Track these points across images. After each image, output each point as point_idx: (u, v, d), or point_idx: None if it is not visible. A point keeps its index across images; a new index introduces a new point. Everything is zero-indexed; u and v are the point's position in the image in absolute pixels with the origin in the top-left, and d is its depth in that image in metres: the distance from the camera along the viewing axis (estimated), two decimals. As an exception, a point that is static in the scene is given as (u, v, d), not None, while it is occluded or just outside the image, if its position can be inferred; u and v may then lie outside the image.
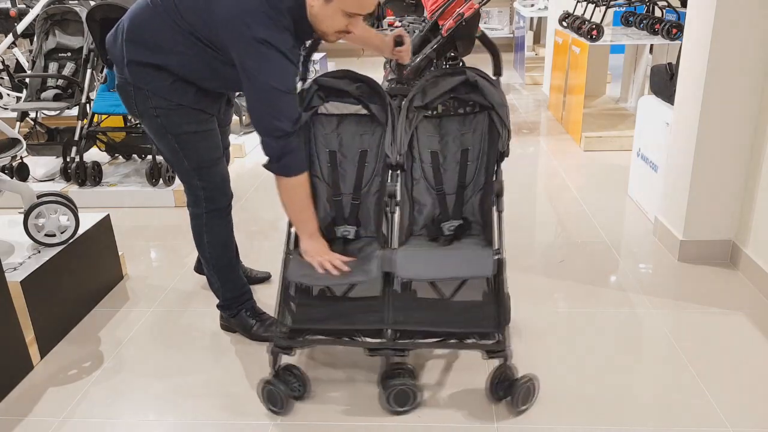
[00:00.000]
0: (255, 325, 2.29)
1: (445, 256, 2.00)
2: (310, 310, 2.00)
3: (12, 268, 2.26)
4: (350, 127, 2.12)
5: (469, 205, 2.14)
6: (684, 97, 2.74)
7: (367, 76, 2.11)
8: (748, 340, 2.21)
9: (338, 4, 1.80)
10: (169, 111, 1.96)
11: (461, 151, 2.12)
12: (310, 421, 1.89)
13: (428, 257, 1.99)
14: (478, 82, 2.05)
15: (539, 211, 3.40)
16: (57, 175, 3.93)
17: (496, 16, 9.13)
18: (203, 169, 2.08)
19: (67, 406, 2.00)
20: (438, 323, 1.92)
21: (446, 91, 2.07)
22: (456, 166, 2.13)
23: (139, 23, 1.89)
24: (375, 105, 2.08)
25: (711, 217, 2.74)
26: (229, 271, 2.26)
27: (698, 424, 1.83)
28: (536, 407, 1.91)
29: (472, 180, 2.13)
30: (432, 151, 2.12)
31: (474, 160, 2.12)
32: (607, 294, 2.54)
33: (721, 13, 2.44)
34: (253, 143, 4.85)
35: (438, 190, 2.13)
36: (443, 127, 2.12)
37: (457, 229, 2.11)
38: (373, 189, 2.13)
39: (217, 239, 2.20)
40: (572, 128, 4.73)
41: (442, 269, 1.95)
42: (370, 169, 2.13)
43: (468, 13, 4.45)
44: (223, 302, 2.30)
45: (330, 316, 1.95)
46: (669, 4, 4.57)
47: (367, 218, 2.14)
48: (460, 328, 1.90)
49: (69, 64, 3.98)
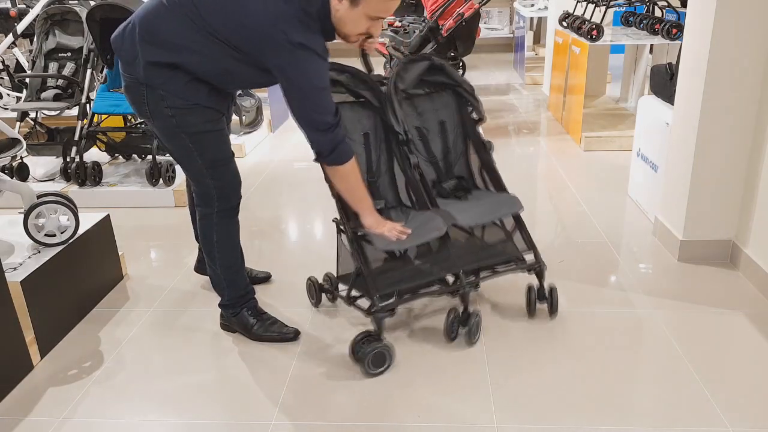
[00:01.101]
0: (255, 325, 2.30)
1: (480, 205, 2.37)
2: (393, 274, 2.24)
3: (12, 268, 2.26)
4: (347, 113, 2.30)
5: (458, 166, 2.51)
6: (684, 97, 2.74)
7: (351, 67, 2.26)
8: (748, 340, 2.22)
9: (364, 8, 1.87)
10: (185, 110, 1.98)
11: (439, 123, 2.48)
12: (311, 421, 1.89)
13: (470, 207, 2.34)
14: (442, 65, 2.43)
15: (539, 211, 3.40)
16: (57, 175, 3.93)
17: (496, 16, 9.13)
18: (218, 168, 2.10)
19: (67, 406, 2.00)
20: (491, 257, 2.35)
21: (419, 74, 2.41)
22: (438, 137, 2.49)
23: (155, 24, 1.90)
24: (366, 92, 2.30)
25: (711, 217, 2.74)
26: (235, 271, 2.27)
27: (698, 424, 1.83)
28: (536, 407, 1.91)
29: (453, 146, 2.50)
30: (416, 127, 2.45)
31: (452, 130, 2.50)
32: (607, 294, 2.55)
33: (721, 13, 2.45)
34: (253, 143, 4.86)
35: (430, 157, 2.47)
36: (419, 105, 2.46)
37: (455, 185, 2.47)
38: (384, 166, 2.38)
39: (226, 239, 2.21)
40: (572, 128, 4.73)
41: (489, 214, 2.32)
42: (375, 149, 2.37)
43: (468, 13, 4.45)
44: (227, 301, 2.31)
45: (413, 276, 2.25)
46: (669, 4, 4.57)
47: (386, 192, 2.39)
48: (503, 258, 2.36)
49: (69, 64, 3.98)
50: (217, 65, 1.93)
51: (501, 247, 2.41)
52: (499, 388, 2.00)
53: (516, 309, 2.45)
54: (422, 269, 2.29)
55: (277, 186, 3.98)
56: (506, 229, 2.43)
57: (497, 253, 2.38)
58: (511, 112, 5.60)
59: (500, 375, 2.06)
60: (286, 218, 3.46)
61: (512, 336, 2.28)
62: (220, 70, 1.95)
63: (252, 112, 5.11)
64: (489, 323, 2.36)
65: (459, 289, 2.21)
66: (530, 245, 2.38)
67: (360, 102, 2.32)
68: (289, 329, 2.31)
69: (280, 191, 3.88)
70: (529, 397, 1.96)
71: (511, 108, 5.77)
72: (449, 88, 2.49)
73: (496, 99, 6.15)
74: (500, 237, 2.43)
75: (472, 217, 2.28)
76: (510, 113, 5.57)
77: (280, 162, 4.46)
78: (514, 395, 1.97)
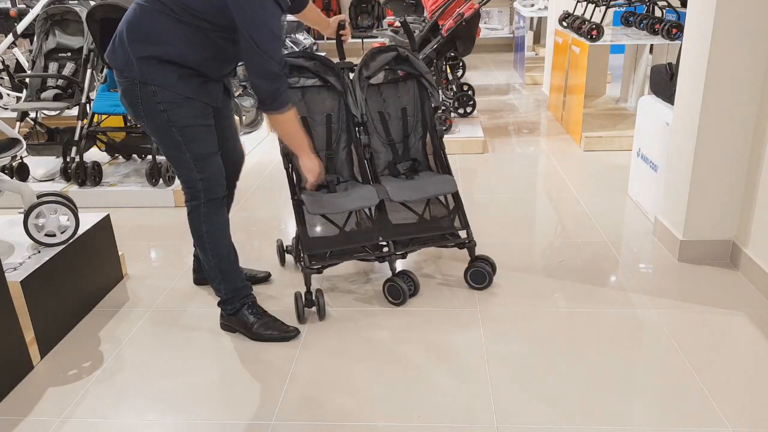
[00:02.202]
0: (256, 324, 2.30)
1: (419, 184, 2.60)
2: (326, 239, 2.54)
3: (12, 268, 2.26)
4: (313, 96, 2.62)
5: (414, 149, 2.78)
6: (684, 97, 2.74)
7: (320, 54, 2.60)
8: (748, 340, 2.22)
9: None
10: (175, 104, 2.07)
11: (401, 110, 2.75)
12: (311, 421, 1.89)
13: (406, 186, 2.57)
14: (408, 56, 2.69)
15: (539, 211, 3.40)
16: (57, 175, 3.93)
17: (496, 16, 9.13)
18: (204, 161, 2.18)
19: (67, 406, 2.00)
20: (424, 231, 2.60)
21: (384, 63, 2.67)
22: (399, 122, 2.75)
23: (137, 22, 2.04)
24: (331, 77, 2.59)
25: (711, 217, 2.74)
26: (228, 263, 2.31)
27: (698, 424, 1.83)
28: (537, 407, 1.92)
29: (412, 131, 2.77)
30: (379, 112, 2.72)
31: (412, 116, 2.77)
32: (607, 294, 2.55)
33: (721, 13, 2.45)
34: (253, 143, 4.86)
35: (389, 140, 2.74)
36: (384, 92, 2.74)
37: (410, 166, 2.72)
38: (342, 144, 2.67)
39: (215, 229, 2.27)
40: (572, 128, 4.73)
41: (423, 191, 2.56)
42: (336, 128, 2.66)
43: (468, 13, 4.45)
44: (224, 296, 2.32)
45: (344, 240, 2.55)
46: (669, 4, 4.57)
47: (342, 167, 2.68)
48: (437, 232, 2.60)
49: (69, 64, 3.98)
50: (200, 47, 2.05)
51: (437, 223, 2.66)
52: (499, 388, 2.01)
53: (516, 308, 2.45)
54: (354, 236, 2.59)
55: (277, 186, 3.98)
56: (449, 207, 2.69)
57: (431, 227, 2.63)
58: (511, 112, 5.60)
59: (500, 375, 2.07)
60: (286, 218, 3.46)
61: (512, 335, 2.28)
62: (204, 51, 2.07)
63: (252, 112, 5.11)
64: (489, 323, 2.36)
65: (387, 256, 2.47)
66: (464, 224, 2.61)
67: (326, 86, 2.61)
68: (290, 328, 2.32)
69: (280, 191, 3.88)
70: (529, 397, 1.96)
71: (511, 108, 5.77)
72: (413, 77, 2.75)
73: (496, 99, 6.15)
74: (442, 214, 2.69)
75: (405, 194, 2.52)
76: (510, 113, 5.57)
77: (280, 162, 4.44)
78: (514, 395, 1.97)
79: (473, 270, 2.59)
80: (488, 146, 4.58)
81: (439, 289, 2.61)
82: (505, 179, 3.88)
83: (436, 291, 2.60)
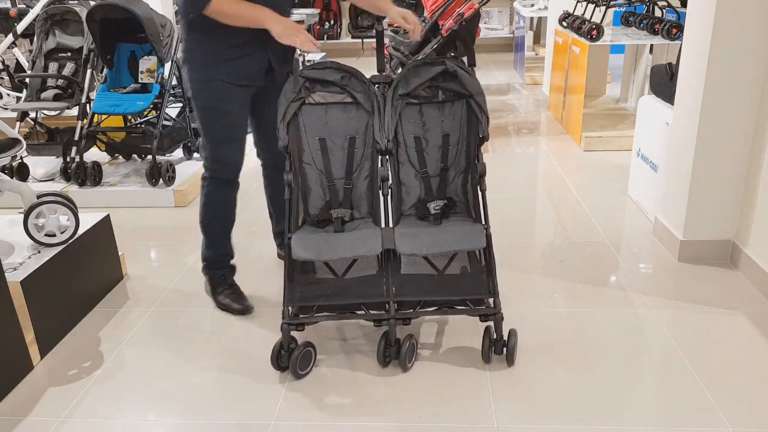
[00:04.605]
0: (222, 291, 2.49)
1: (438, 232, 2.11)
2: (317, 288, 2.16)
3: (12, 268, 2.26)
4: (337, 114, 2.24)
5: (453, 186, 2.30)
6: (684, 97, 2.74)
7: (351, 67, 2.22)
8: (748, 340, 2.22)
9: None
10: (201, 84, 2.22)
11: (442, 136, 2.27)
12: (311, 421, 1.89)
13: (424, 234, 2.10)
14: (457, 71, 2.20)
15: (539, 211, 3.40)
16: (57, 175, 3.93)
17: (496, 16, 9.12)
18: (216, 145, 2.32)
19: (67, 406, 2.00)
20: (435, 293, 2.12)
21: (427, 79, 2.21)
22: (438, 150, 2.28)
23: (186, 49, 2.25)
24: (360, 93, 2.21)
25: (711, 217, 2.74)
26: (214, 236, 2.50)
27: (698, 424, 1.83)
28: (536, 407, 1.92)
29: (454, 163, 2.28)
30: (415, 137, 2.26)
31: (455, 145, 2.27)
32: (607, 294, 2.55)
33: (721, 13, 2.44)
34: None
35: (423, 172, 2.28)
36: (425, 113, 2.26)
37: (443, 208, 2.23)
38: (364, 173, 2.27)
39: (209, 202, 2.43)
40: (572, 128, 4.73)
41: (438, 244, 2.07)
42: (359, 154, 2.26)
43: (468, 13, 4.45)
44: (203, 258, 2.53)
45: (335, 293, 2.13)
46: (669, 4, 4.57)
47: (360, 201, 2.28)
48: (455, 296, 2.11)
49: (69, 64, 3.98)
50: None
51: (458, 283, 2.17)
52: (499, 388, 2.01)
53: (516, 308, 2.45)
54: (351, 289, 2.14)
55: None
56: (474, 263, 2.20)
57: (449, 289, 2.14)
58: (511, 112, 5.60)
59: (500, 375, 2.07)
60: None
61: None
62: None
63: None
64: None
65: (385, 319, 2.05)
66: (489, 290, 2.09)
67: (355, 104, 2.23)
68: (241, 303, 2.46)
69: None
70: (529, 397, 1.96)
71: (511, 108, 5.77)
72: (461, 98, 2.24)
73: (496, 99, 6.15)
74: (464, 271, 2.21)
75: (417, 245, 2.06)
76: (510, 113, 5.57)
77: (280, 162, 4.45)
78: (514, 395, 1.97)
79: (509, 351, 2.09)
80: (488, 146, 4.58)
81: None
82: (505, 179, 3.88)
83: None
